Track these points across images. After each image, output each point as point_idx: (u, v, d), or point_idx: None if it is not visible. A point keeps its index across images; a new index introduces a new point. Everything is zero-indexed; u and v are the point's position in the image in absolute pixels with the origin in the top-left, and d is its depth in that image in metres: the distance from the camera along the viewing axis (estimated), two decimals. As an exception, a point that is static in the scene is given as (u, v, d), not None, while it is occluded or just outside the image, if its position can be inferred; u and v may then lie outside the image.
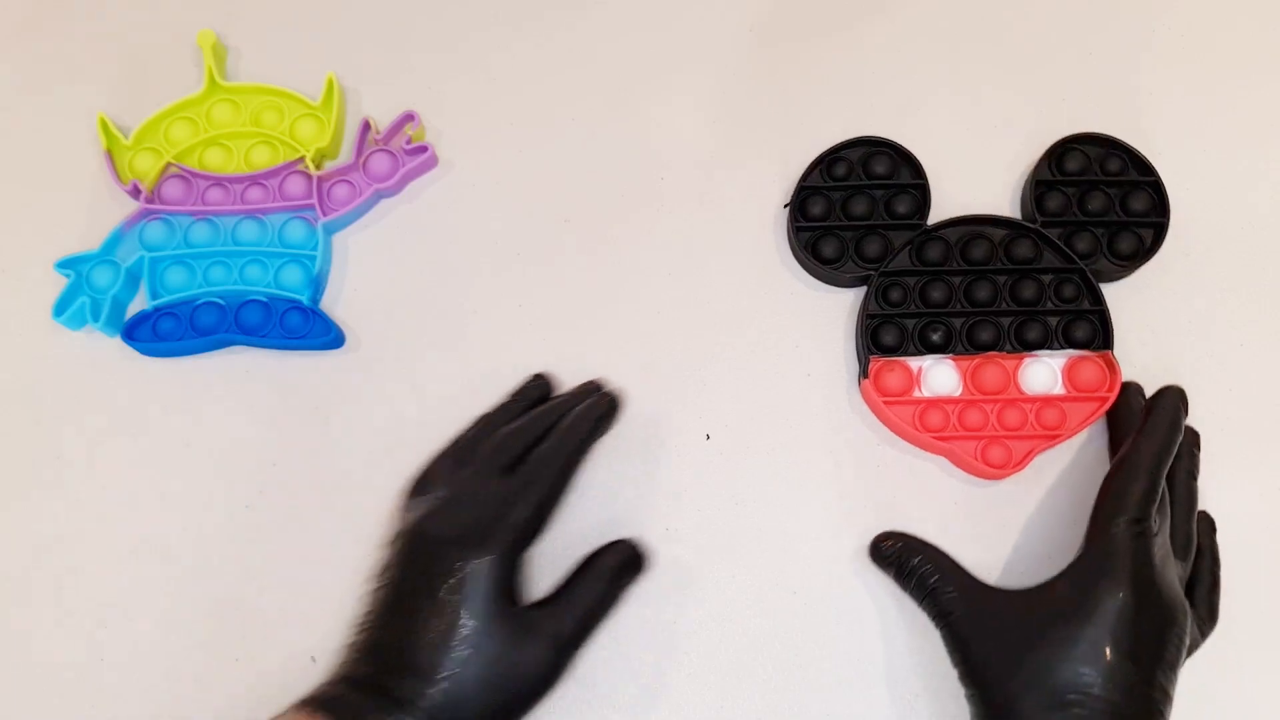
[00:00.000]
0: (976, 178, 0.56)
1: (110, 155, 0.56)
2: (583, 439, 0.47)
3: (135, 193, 0.55)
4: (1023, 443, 0.50)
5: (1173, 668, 0.43)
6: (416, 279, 0.55)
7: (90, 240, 0.55)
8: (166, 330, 0.53)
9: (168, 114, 0.57)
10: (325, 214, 0.55)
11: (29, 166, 0.58)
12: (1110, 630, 0.42)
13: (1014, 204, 0.55)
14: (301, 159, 0.56)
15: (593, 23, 0.59)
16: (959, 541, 0.49)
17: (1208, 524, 0.49)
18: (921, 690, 0.48)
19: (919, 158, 0.54)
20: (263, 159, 0.56)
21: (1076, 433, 0.51)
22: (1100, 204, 0.53)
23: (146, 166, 0.56)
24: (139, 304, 0.55)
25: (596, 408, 0.48)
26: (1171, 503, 0.47)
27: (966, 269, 0.53)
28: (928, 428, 0.51)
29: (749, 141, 0.57)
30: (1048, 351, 0.52)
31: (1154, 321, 0.53)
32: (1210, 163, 0.56)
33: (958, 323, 0.53)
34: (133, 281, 0.55)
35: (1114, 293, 0.53)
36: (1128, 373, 0.51)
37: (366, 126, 0.56)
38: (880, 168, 0.54)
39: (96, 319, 0.53)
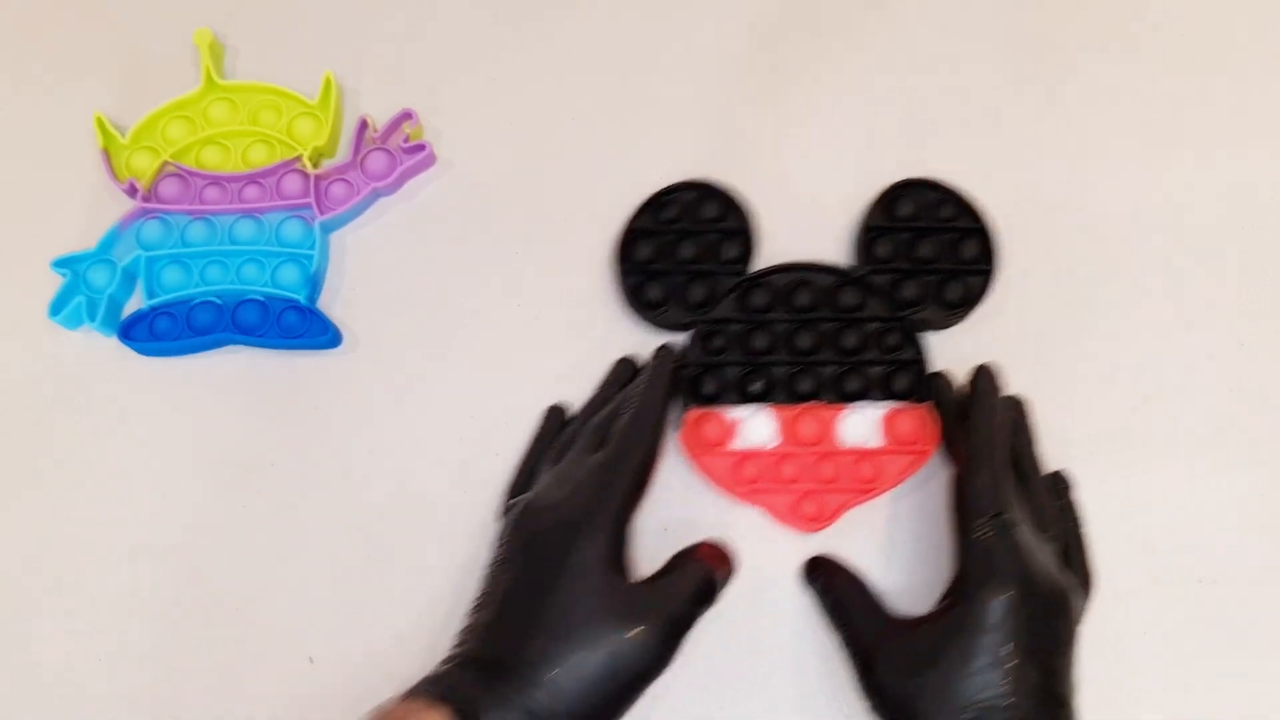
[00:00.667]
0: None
1: (107, 154, 0.55)
2: (658, 401, 0.48)
3: (132, 191, 0.55)
4: (836, 496, 0.50)
5: (1068, 653, 0.43)
6: (415, 278, 0.55)
7: (87, 239, 0.55)
8: (163, 329, 0.53)
9: (165, 113, 0.56)
10: (323, 213, 0.55)
11: (25, 165, 0.57)
12: (1002, 634, 0.42)
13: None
14: (299, 158, 0.56)
15: (592, 22, 0.59)
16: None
17: (1064, 484, 0.50)
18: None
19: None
20: (260, 158, 0.56)
21: (893, 486, 0.50)
22: (930, 250, 0.52)
23: (143, 165, 0.56)
24: (136, 303, 0.55)
25: (663, 366, 0.49)
26: (1021, 480, 0.47)
27: (790, 317, 0.52)
28: (743, 480, 0.50)
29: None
30: (867, 403, 0.51)
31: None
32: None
33: (779, 372, 0.51)
34: (129, 280, 0.54)
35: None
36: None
37: (364, 125, 0.56)
38: (710, 211, 0.53)
39: (93, 318, 0.53)
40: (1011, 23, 0.58)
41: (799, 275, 0.53)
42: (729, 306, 0.52)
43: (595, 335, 0.53)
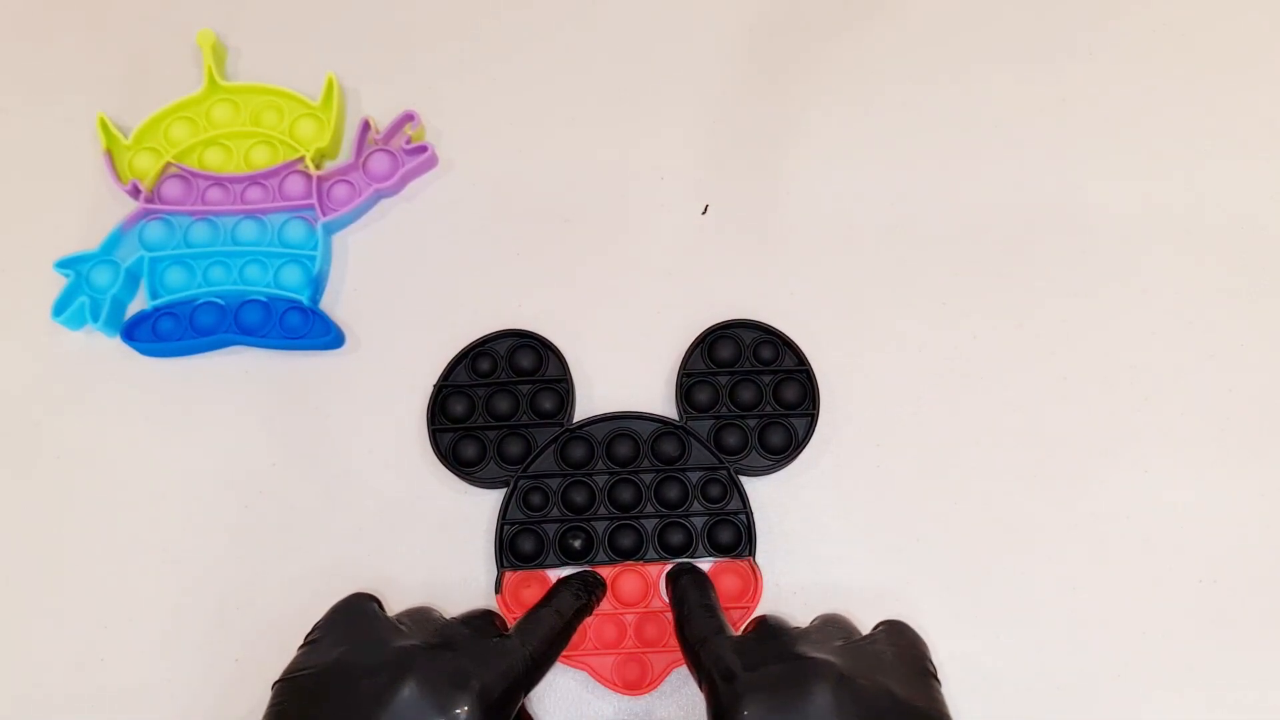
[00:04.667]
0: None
1: (110, 155, 0.56)
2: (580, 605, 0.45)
3: (135, 192, 0.55)
4: (661, 657, 0.48)
5: None
6: (416, 279, 0.55)
7: (90, 240, 0.55)
8: (166, 330, 0.53)
9: (167, 114, 0.57)
10: (325, 214, 0.55)
11: (29, 166, 0.58)
12: None
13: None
14: (301, 159, 0.56)
15: (592, 23, 0.59)
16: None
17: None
18: None
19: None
20: (262, 159, 0.56)
21: None
22: (751, 395, 0.51)
23: (146, 166, 0.56)
24: (139, 304, 0.55)
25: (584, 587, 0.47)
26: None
27: (610, 470, 0.50)
28: None
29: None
30: (690, 558, 0.49)
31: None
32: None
33: (600, 527, 0.50)
34: (132, 281, 0.55)
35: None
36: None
37: (366, 126, 0.56)
38: (526, 362, 0.52)
39: (96, 319, 0.53)
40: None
41: (619, 425, 0.51)
42: (549, 461, 0.51)
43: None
